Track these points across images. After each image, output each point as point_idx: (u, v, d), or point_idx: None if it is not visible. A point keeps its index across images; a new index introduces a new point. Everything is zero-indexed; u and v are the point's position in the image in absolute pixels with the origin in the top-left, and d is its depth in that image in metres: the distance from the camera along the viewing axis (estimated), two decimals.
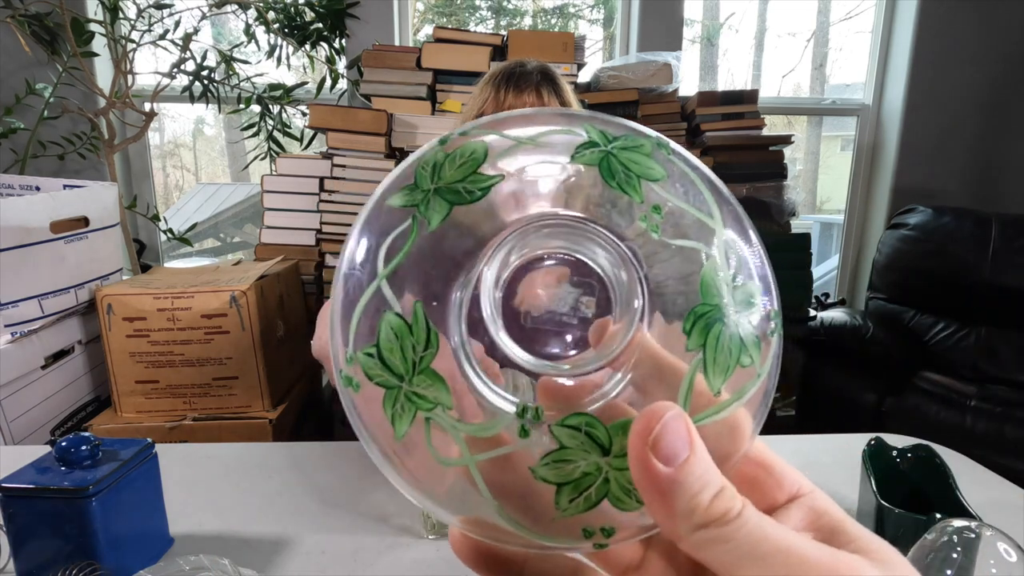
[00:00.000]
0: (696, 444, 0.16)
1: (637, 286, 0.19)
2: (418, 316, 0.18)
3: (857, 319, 1.94)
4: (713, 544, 0.15)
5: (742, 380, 0.18)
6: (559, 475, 0.17)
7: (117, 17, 1.75)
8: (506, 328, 0.19)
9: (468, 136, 0.19)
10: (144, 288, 1.23)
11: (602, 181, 0.18)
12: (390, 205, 0.18)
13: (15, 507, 0.51)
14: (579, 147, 0.19)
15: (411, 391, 0.17)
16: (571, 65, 1.71)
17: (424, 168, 0.18)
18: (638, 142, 0.19)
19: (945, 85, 2.15)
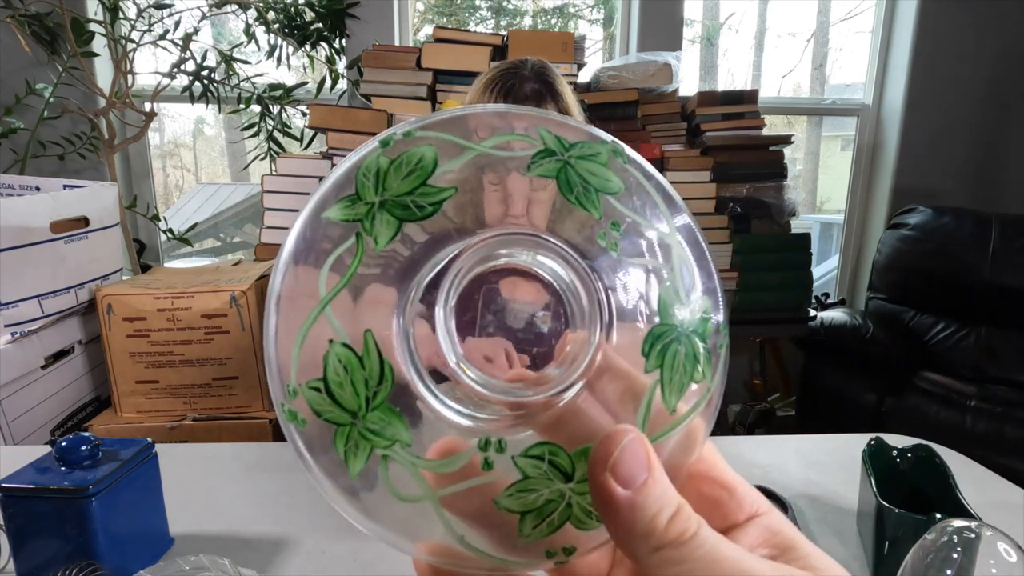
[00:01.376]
0: (654, 466, 0.16)
1: (597, 301, 0.18)
2: (369, 347, 0.16)
3: (857, 319, 1.93)
4: (670, 565, 0.15)
5: (695, 395, 0.18)
6: (523, 504, 0.17)
7: (117, 17, 1.75)
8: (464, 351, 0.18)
9: (413, 139, 0.17)
10: (144, 288, 1.23)
11: (560, 195, 0.18)
12: (329, 218, 0.16)
13: (15, 507, 0.51)
14: (535, 156, 0.18)
15: (365, 428, 0.16)
16: (571, 65, 1.71)
17: (366, 177, 0.17)
18: (595, 150, 0.18)
19: (945, 85, 2.15)
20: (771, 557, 0.17)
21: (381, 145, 0.17)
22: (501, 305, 0.19)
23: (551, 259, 0.19)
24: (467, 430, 0.17)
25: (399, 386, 0.17)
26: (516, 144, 0.18)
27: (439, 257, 0.17)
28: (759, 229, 1.81)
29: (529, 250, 0.19)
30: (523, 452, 0.17)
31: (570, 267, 0.18)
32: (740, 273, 1.75)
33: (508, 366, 0.18)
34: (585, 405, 0.18)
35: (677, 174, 1.74)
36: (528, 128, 0.18)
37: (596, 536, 0.17)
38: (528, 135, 0.18)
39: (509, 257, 0.19)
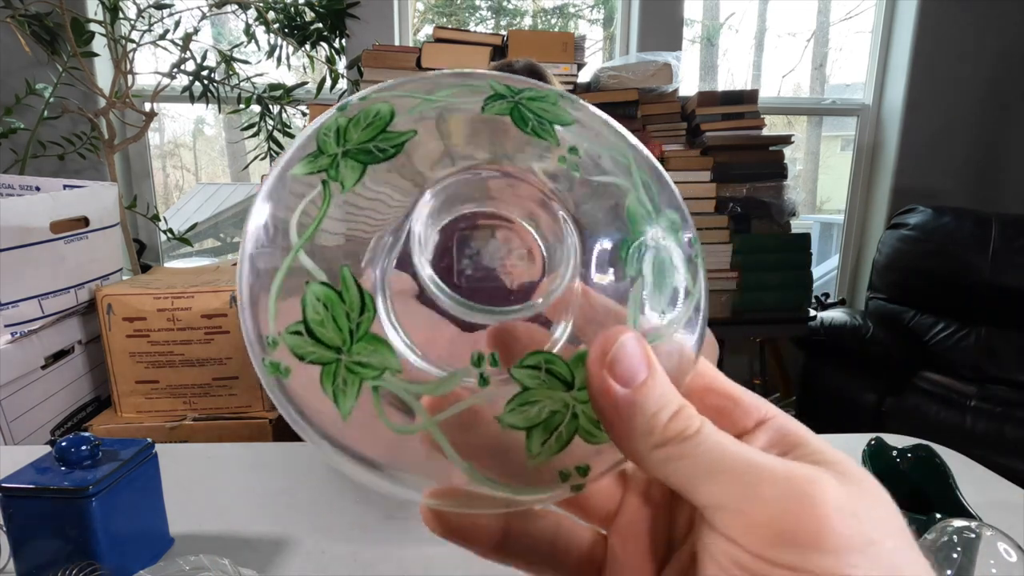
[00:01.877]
0: (654, 365, 0.16)
1: (567, 229, 0.18)
2: (347, 281, 0.16)
3: (857, 319, 1.93)
4: (672, 462, 0.15)
5: (681, 302, 0.18)
6: (527, 419, 0.16)
7: (117, 17, 1.75)
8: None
9: (369, 100, 0.18)
10: (144, 288, 1.23)
11: (516, 129, 0.18)
12: (294, 175, 0.17)
13: (15, 507, 0.51)
14: (487, 99, 0.18)
15: (352, 362, 0.16)
16: (571, 65, 1.71)
17: (326, 134, 0.17)
18: (543, 93, 0.19)
19: (945, 85, 2.15)
20: (780, 455, 0.16)
21: (338, 109, 0.17)
22: (475, 249, 0.19)
23: (518, 193, 0.19)
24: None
25: (379, 319, 0.16)
26: (468, 94, 0.19)
27: (410, 194, 0.18)
28: (759, 229, 1.81)
29: (496, 187, 0.19)
30: (519, 363, 0.17)
31: (537, 198, 0.19)
32: (740, 273, 1.76)
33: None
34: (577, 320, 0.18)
35: (677, 174, 1.74)
36: (476, 80, 0.19)
37: (608, 454, 0.17)
38: (478, 85, 0.19)
39: (477, 193, 0.19)
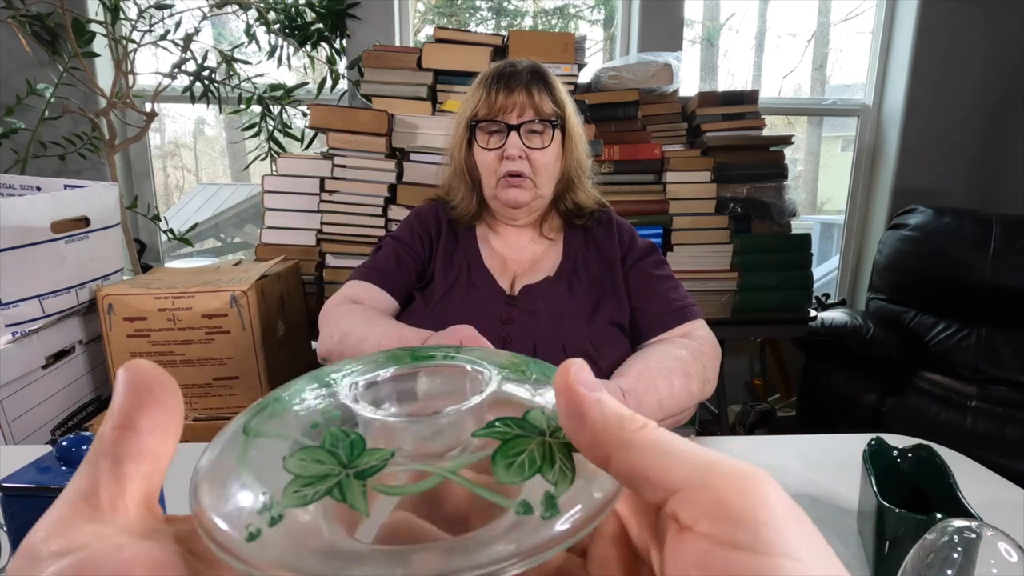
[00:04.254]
0: (602, 386, 0.18)
1: (483, 386, 0.21)
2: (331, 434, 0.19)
3: (858, 319, 1.93)
4: (640, 449, 0.16)
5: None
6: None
7: (118, 17, 1.75)
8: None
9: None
10: (145, 288, 1.23)
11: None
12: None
13: (16, 506, 0.51)
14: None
15: (357, 471, 0.18)
16: (571, 65, 1.71)
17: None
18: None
19: (945, 85, 2.15)
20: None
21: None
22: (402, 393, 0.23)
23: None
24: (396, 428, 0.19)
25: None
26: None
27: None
28: (759, 229, 1.81)
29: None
30: (482, 430, 0.19)
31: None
32: (740, 273, 1.75)
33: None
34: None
35: (677, 174, 1.74)
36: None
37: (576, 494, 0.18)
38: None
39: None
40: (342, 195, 1.58)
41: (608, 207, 1.05)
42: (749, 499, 0.15)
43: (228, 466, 0.18)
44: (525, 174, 0.93)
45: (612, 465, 0.17)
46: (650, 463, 0.16)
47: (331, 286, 1.59)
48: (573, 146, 0.98)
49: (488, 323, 0.88)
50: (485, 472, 0.18)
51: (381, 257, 1.00)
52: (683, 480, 0.16)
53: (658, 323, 0.93)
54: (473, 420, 0.19)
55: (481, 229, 1.03)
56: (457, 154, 1.00)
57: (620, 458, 0.17)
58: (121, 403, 0.16)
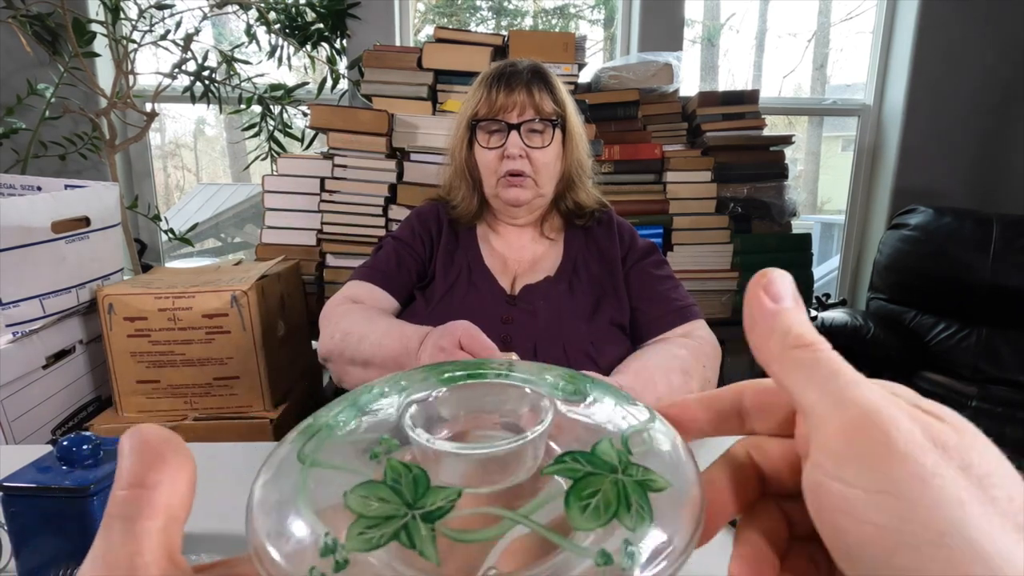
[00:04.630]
0: (799, 301, 0.19)
1: (544, 413, 0.20)
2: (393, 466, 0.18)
3: (858, 319, 1.93)
4: (796, 364, 0.18)
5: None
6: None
7: (118, 17, 1.75)
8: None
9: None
10: (145, 288, 1.23)
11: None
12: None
13: (16, 506, 0.51)
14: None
15: (423, 513, 0.17)
16: (572, 65, 1.71)
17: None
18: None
19: (946, 85, 2.15)
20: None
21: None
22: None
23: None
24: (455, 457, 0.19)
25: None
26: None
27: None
28: (759, 229, 1.81)
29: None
30: (550, 466, 0.18)
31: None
32: (740, 273, 1.75)
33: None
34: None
35: (678, 174, 1.74)
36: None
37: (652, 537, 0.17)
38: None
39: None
40: (342, 195, 1.58)
41: (609, 207, 1.05)
42: (873, 440, 0.15)
43: (286, 499, 0.17)
44: (526, 173, 0.93)
45: (770, 372, 0.19)
46: (792, 383, 0.18)
47: (331, 286, 1.59)
48: (573, 145, 0.98)
49: (488, 323, 0.88)
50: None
51: (382, 257, 1.00)
52: (811, 406, 0.17)
53: (658, 323, 0.93)
54: (536, 450, 0.19)
55: (482, 229, 1.03)
56: (458, 154, 1.00)
57: (774, 370, 0.18)
58: (126, 466, 0.16)
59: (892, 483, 0.14)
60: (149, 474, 0.16)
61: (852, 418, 0.16)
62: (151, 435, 0.16)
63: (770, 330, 0.19)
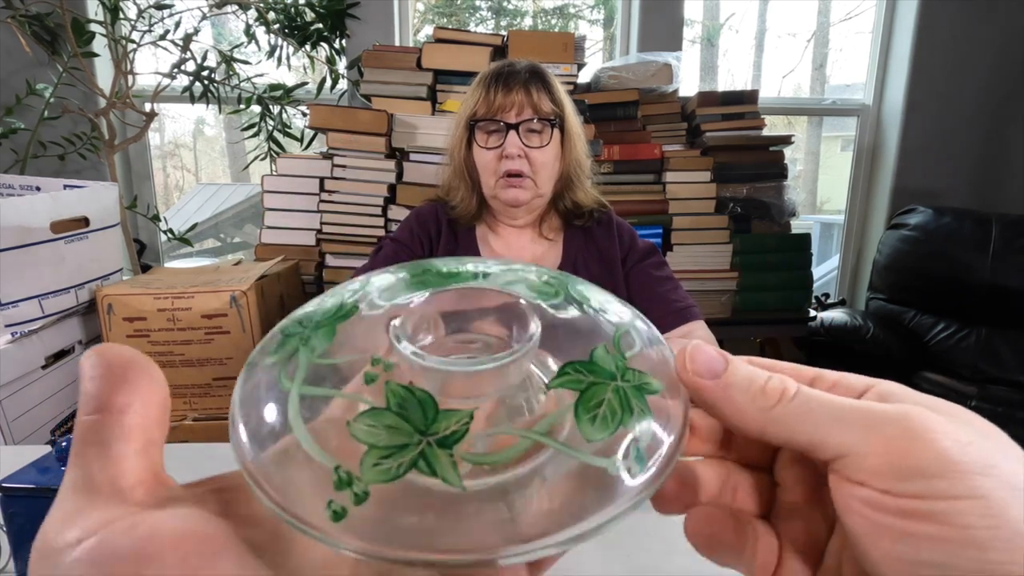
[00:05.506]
0: (728, 356, 0.19)
1: (534, 323, 0.20)
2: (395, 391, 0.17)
3: (857, 319, 1.93)
4: (790, 421, 0.17)
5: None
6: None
7: (117, 17, 1.75)
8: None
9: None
10: (144, 288, 1.23)
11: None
12: (267, 364, 0.18)
13: (15, 507, 0.51)
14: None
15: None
16: (571, 65, 1.71)
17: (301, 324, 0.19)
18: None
19: (945, 85, 2.15)
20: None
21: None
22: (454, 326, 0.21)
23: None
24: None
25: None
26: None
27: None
28: (759, 229, 1.81)
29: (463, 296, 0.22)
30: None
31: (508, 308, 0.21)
32: (740, 273, 1.75)
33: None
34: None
35: (677, 174, 1.74)
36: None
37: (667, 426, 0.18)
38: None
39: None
40: (342, 195, 1.58)
41: (608, 207, 1.05)
42: (915, 451, 0.15)
43: (279, 431, 0.16)
44: (524, 173, 0.93)
45: (768, 439, 0.18)
46: (803, 432, 0.17)
47: (331, 286, 1.59)
48: (572, 145, 0.98)
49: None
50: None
51: (381, 259, 1.00)
52: (845, 445, 0.16)
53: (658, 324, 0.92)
54: (532, 359, 0.19)
55: (481, 230, 1.03)
56: (457, 154, 1.00)
57: (772, 434, 0.17)
58: (91, 390, 0.15)
59: (942, 491, 0.15)
60: (116, 397, 0.15)
61: (892, 437, 0.15)
62: (113, 355, 0.15)
63: (736, 406, 0.18)
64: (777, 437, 0.17)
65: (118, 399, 0.15)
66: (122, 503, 0.14)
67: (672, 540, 0.61)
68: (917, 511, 0.15)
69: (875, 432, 0.16)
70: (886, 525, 0.15)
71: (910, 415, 0.16)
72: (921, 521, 0.15)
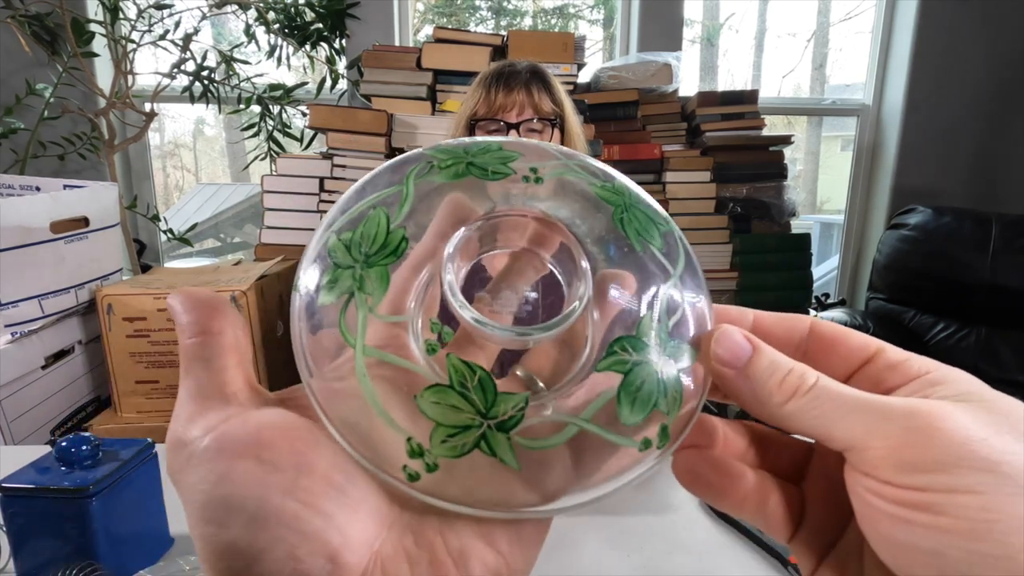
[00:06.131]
0: (756, 342, 0.19)
1: (584, 278, 0.20)
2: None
3: (857, 319, 1.93)
4: (803, 414, 0.18)
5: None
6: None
7: (117, 17, 1.75)
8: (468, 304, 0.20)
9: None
10: (144, 288, 1.23)
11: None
12: (323, 304, 0.18)
13: (15, 507, 0.51)
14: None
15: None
16: (571, 65, 1.71)
17: (334, 253, 0.19)
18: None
19: (945, 85, 2.15)
20: (922, 397, 0.18)
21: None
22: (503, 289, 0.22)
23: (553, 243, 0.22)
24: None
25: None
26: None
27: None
28: (759, 229, 1.81)
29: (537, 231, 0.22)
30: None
31: (567, 250, 0.21)
32: (740, 273, 1.76)
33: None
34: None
35: (677, 174, 1.74)
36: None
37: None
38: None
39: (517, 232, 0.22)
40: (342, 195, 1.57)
41: None
42: (920, 444, 0.15)
43: (353, 393, 0.17)
44: None
45: (787, 428, 0.18)
46: (819, 428, 0.17)
47: None
48: (572, 146, 0.98)
49: None
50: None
51: None
52: (852, 438, 0.17)
53: None
54: (581, 323, 0.20)
55: None
56: None
57: (790, 425, 0.18)
58: (188, 319, 0.18)
59: (944, 485, 0.15)
60: (212, 322, 0.18)
61: (896, 432, 0.16)
62: (201, 293, 0.18)
63: (755, 397, 0.19)
64: (794, 429, 0.18)
65: (214, 324, 0.18)
66: (232, 404, 0.17)
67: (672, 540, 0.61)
68: (915, 501, 0.15)
69: (880, 427, 0.16)
70: (885, 511, 0.16)
71: (920, 411, 0.16)
72: (918, 510, 0.15)
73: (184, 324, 0.18)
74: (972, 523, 0.14)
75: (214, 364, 0.17)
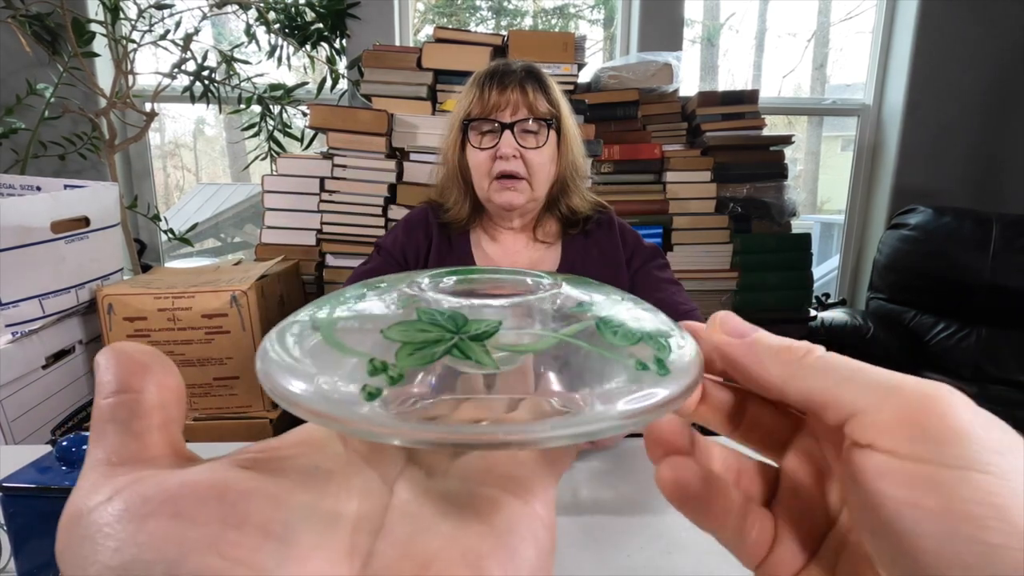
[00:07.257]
0: (756, 327, 0.20)
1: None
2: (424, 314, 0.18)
3: (858, 319, 1.93)
4: (809, 378, 0.17)
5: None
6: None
7: (118, 17, 1.75)
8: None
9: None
10: (145, 288, 1.23)
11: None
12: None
13: (16, 507, 0.51)
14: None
15: (469, 336, 0.16)
16: (571, 65, 1.71)
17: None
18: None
19: (945, 85, 2.15)
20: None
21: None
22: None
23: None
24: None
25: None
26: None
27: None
28: (759, 229, 1.81)
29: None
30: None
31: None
32: (740, 273, 1.75)
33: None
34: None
35: (677, 174, 1.74)
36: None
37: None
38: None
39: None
40: (342, 195, 1.58)
41: (608, 208, 1.04)
42: (932, 416, 0.15)
43: (313, 346, 0.16)
44: (519, 175, 0.91)
45: (788, 395, 0.18)
46: (822, 388, 0.17)
47: (331, 286, 1.59)
48: (568, 148, 0.95)
49: None
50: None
51: (372, 268, 0.99)
52: (860, 403, 0.16)
53: None
54: (554, 307, 0.19)
55: (475, 234, 1.01)
56: (451, 156, 0.97)
57: (793, 388, 0.18)
58: (108, 378, 0.15)
59: (953, 459, 0.14)
60: (132, 380, 0.15)
61: (909, 400, 0.15)
62: (129, 348, 0.16)
63: (760, 361, 0.19)
64: (797, 393, 0.18)
65: (134, 382, 0.15)
66: (149, 468, 0.14)
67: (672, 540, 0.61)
68: (925, 477, 0.14)
69: (893, 395, 0.16)
70: (890, 494, 0.15)
71: (933, 389, 0.15)
72: (924, 491, 0.14)
73: (100, 384, 0.15)
74: (979, 507, 0.13)
75: (131, 427, 0.15)
